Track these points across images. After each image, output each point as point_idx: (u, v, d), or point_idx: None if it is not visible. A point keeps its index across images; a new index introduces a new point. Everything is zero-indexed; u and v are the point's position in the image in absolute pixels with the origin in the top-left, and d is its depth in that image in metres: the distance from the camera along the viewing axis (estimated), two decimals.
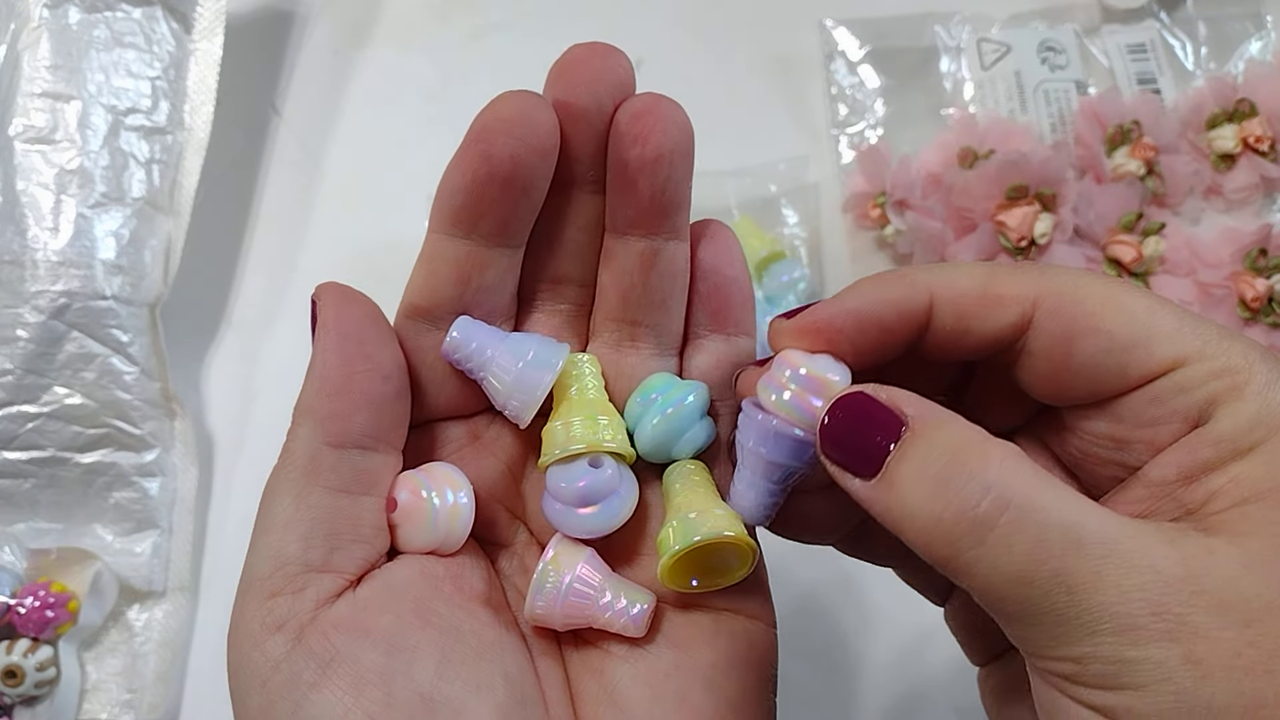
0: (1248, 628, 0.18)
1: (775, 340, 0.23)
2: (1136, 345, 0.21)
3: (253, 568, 0.22)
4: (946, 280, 0.22)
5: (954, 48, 0.54)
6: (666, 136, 0.25)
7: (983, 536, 0.18)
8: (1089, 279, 0.21)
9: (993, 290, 0.22)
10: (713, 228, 0.27)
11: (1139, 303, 0.21)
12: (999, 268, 0.22)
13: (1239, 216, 0.52)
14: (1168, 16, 0.56)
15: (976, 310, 0.22)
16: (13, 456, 0.45)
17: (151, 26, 0.48)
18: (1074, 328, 0.21)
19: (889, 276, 0.22)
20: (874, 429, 0.20)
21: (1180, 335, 0.21)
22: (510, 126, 0.23)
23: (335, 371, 0.23)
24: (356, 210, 0.53)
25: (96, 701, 0.45)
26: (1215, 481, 0.20)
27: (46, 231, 0.44)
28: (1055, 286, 0.21)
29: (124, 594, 0.45)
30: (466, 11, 0.57)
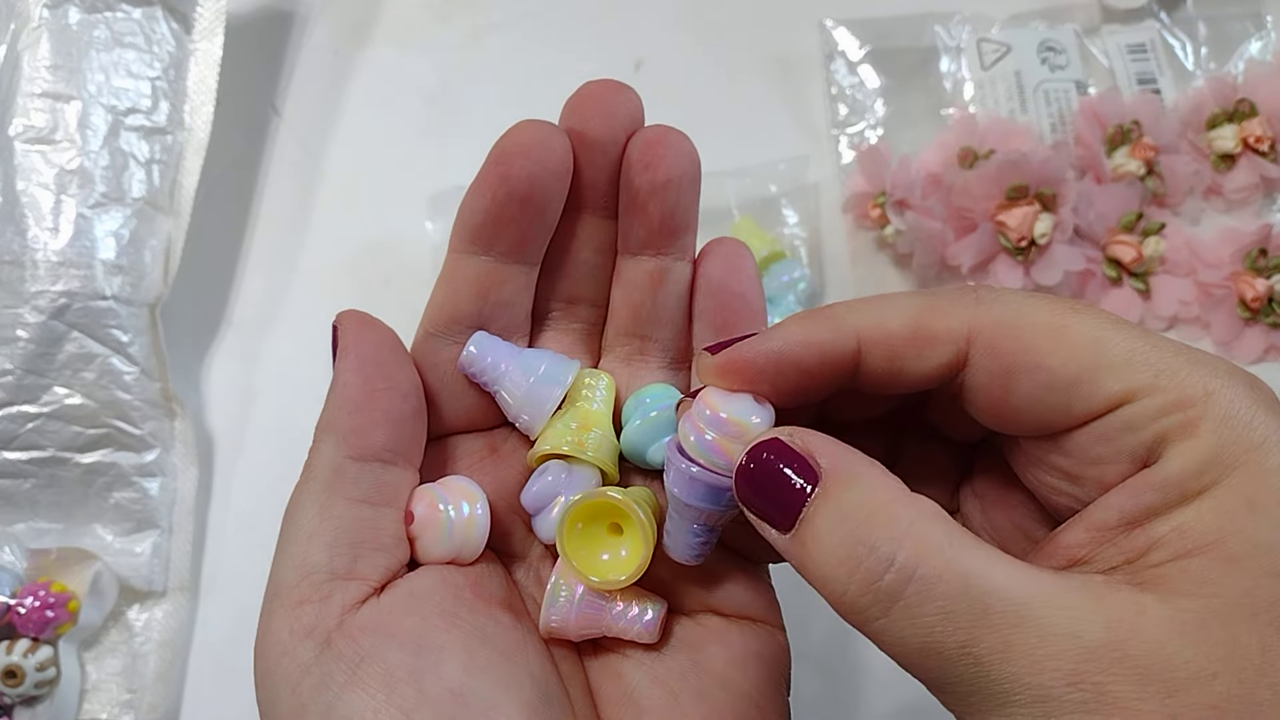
0: (1170, 698, 0.17)
1: (699, 375, 0.23)
2: (1080, 381, 0.19)
3: (279, 578, 0.23)
4: (874, 321, 0.21)
5: (954, 48, 0.54)
6: (675, 164, 0.26)
7: (887, 609, 0.18)
8: (1031, 306, 0.20)
9: (924, 329, 0.21)
10: (725, 245, 0.27)
11: (1084, 332, 0.19)
12: (933, 301, 0.21)
13: (1239, 216, 0.52)
14: (1168, 16, 0.56)
15: (907, 351, 0.21)
16: (13, 456, 0.45)
17: (151, 27, 0.48)
18: (1011, 364, 0.20)
19: (817, 317, 0.21)
20: (788, 479, 0.20)
21: (1130, 366, 0.19)
22: (527, 150, 0.24)
23: (356, 390, 0.24)
24: (356, 210, 0.53)
25: (96, 701, 0.45)
26: (1158, 529, 0.19)
27: (46, 231, 0.44)
28: (991, 319, 0.20)
29: (124, 594, 0.45)
30: (466, 12, 0.57)
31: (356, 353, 0.24)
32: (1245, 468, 0.18)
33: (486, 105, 0.55)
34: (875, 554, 0.18)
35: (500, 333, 0.26)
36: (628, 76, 0.55)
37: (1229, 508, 0.18)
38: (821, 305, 0.22)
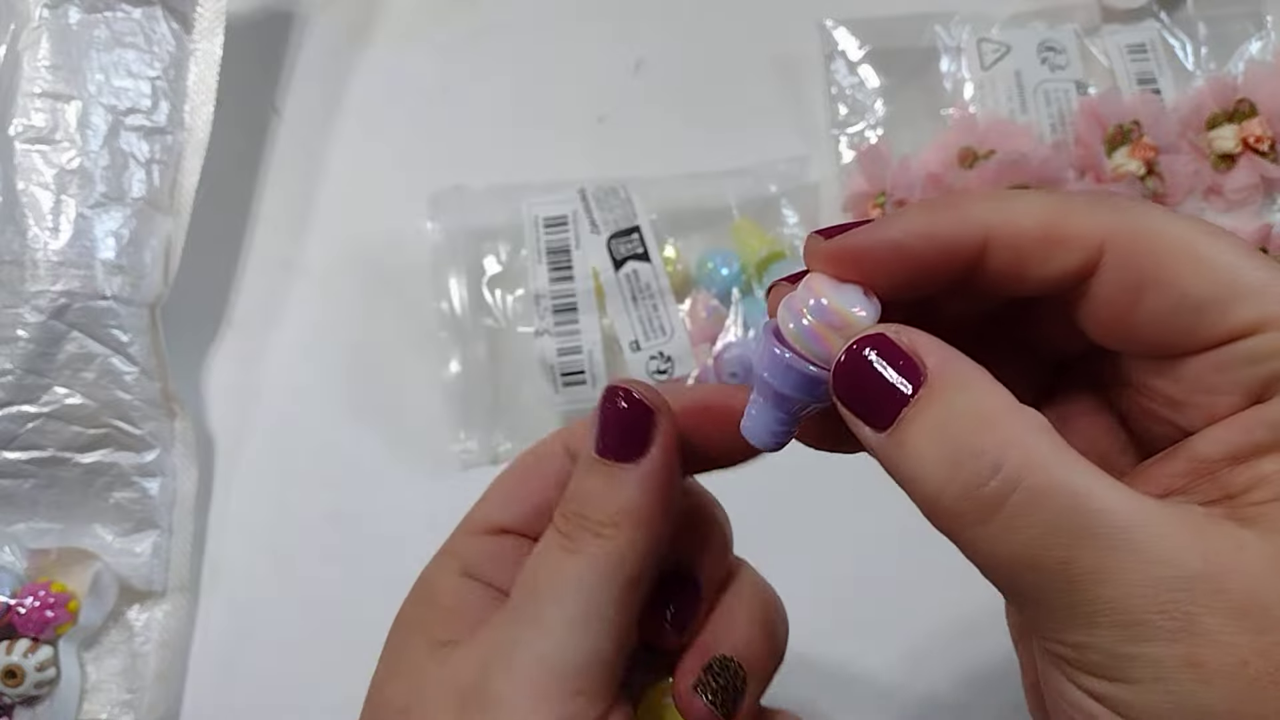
0: (1261, 635, 0.17)
1: (808, 259, 0.21)
2: (1211, 305, 0.19)
3: (525, 655, 0.22)
4: (1005, 217, 0.20)
5: (954, 48, 0.55)
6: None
7: (987, 517, 0.18)
8: (1170, 220, 0.19)
9: (1057, 229, 0.19)
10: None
11: (1222, 253, 0.19)
12: (1068, 202, 0.20)
13: (1239, 217, 0.52)
14: (1168, 17, 0.56)
15: (1037, 252, 0.20)
16: (12, 456, 0.45)
17: (151, 26, 0.48)
18: (1144, 278, 0.19)
19: (942, 206, 0.20)
20: (891, 376, 0.19)
21: (1263, 296, 0.18)
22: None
23: (659, 505, 0.23)
24: (356, 210, 0.53)
25: (96, 701, 0.45)
26: (1265, 467, 0.18)
27: (46, 231, 0.44)
28: (1129, 228, 0.19)
29: (124, 594, 0.45)
30: (466, 12, 0.57)
31: (669, 460, 0.23)
32: None
33: (486, 105, 0.55)
34: (980, 459, 0.18)
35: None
36: (628, 77, 0.56)
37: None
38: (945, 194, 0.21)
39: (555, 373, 0.47)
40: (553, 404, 0.47)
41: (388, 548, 0.47)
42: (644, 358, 0.46)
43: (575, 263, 0.47)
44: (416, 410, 0.49)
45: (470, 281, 0.49)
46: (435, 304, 0.49)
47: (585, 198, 0.49)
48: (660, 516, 0.22)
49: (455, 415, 0.48)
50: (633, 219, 0.48)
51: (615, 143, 0.54)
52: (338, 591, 0.47)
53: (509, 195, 0.50)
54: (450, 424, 0.48)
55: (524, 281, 0.49)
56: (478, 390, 0.48)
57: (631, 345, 0.47)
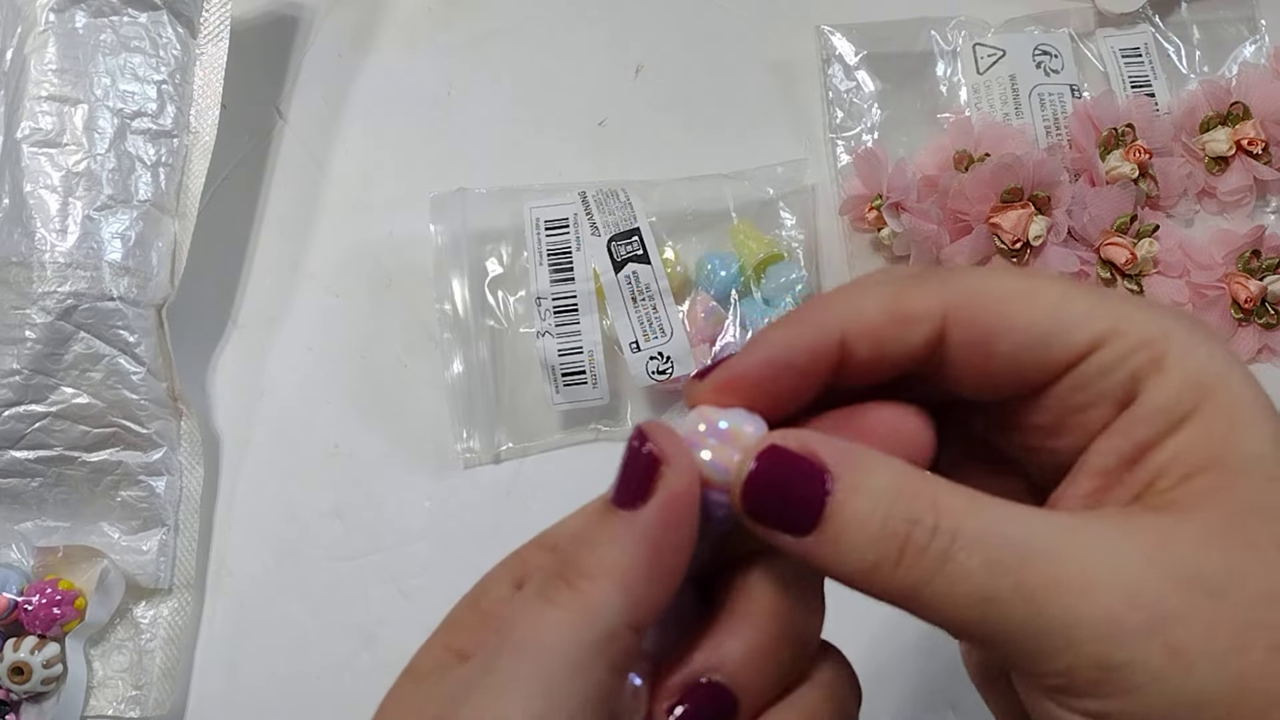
0: (1216, 603, 0.18)
1: (692, 400, 0.22)
2: (1051, 335, 0.20)
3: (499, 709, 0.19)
4: (853, 311, 0.21)
5: (950, 52, 0.55)
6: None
7: (936, 573, 0.18)
8: (996, 277, 0.21)
9: (900, 311, 0.21)
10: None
11: (1049, 292, 0.21)
12: (904, 282, 0.21)
13: (1232, 219, 0.52)
14: (1162, 20, 0.56)
15: (888, 334, 0.21)
16: (20, 455, 0.45)
17: (157, 31, 0.49)
18: (987, 330, 0.21)
19: (795, 319, 0.22)
20: (797, 484, 0.19)
21: (1093, 317, 0.20)
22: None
23: (664, 552, 0.20)
24: (361, 212, 0.54)
25: (103, 698, 0.45)
26: (1157, 459, 0.20)
27: (54, 233, 0.45)
28: (963, 293, 0.21)
29: (130, 591, 0.46)
30: (469, 16, 0.58)
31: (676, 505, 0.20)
32: (1216, 392, 0.19)
33: (489, 109, 0.56)
34: (919, 525, 0.19)
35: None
36: (628, 81, 0.56)
37: (1214, 428, 0.19)
38: (797, 307, 0.23)
39: (556, 373, 0.47)
40: (554, 404, 0.48)
41: (391, 546, 0.48)
42: (644, 358, 0.47)
43: (576, 264, 0.48)
44: (419, 410, 0.50)
45: (472, 283, 0.50)
46: (438, 305, 0.50)
47: (586, 200, 0.49)
48: (647, 578, 0.20)
49: (458, 415, 0.49)
50: (633, 221, 0.48)
51: (615, 146, 0.54)
52: (342, 589, 0.47)
53: (511, 198, 0.50)
54: (453, 424, 0.49)
55: (525, 283, 0.50)
56: (480, 390, 0.49)
57: (631, 346, 0.47)
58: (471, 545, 0.47)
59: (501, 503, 0.48)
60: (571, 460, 0.49)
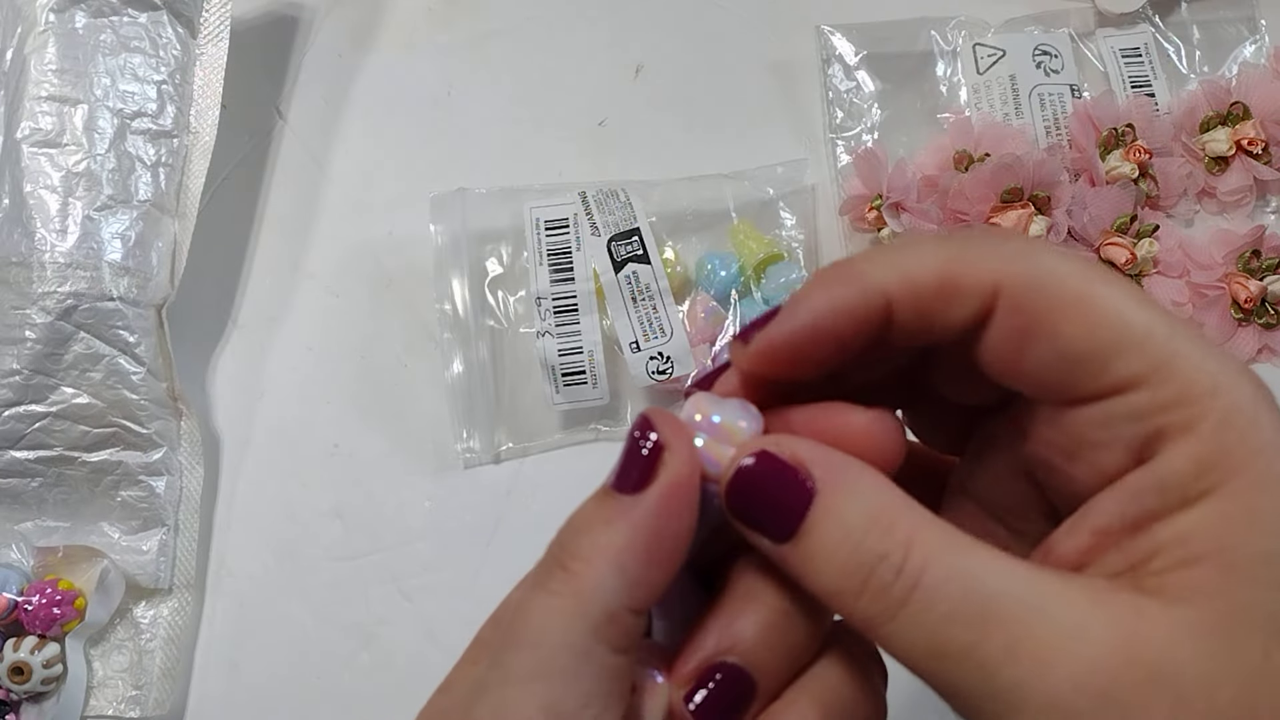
0: (1178, 705, 0.16)
1: (737, 362, 0.21)
2: (1090, 358, 0.18)
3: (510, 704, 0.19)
4: (900, 274, 0.20)
5: (950, 52, 0.55)
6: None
7: (895, 614, 0.18)
8: (1062, 267, 0.19)
9: (951, 279, 0.19)
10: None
11: (1109, 306, 0.18)
12: (962, 248, 0.20)
13: (1232, 219, 0.52)
14: (1162, 20, 0.56)
15: (936, 303, 0.20)
16: (20, 455, 0.45)
17: (157, 31, 0.49)
18: (1031, 324, 0.19)
19: (839, 277, 0.20)
20: (781, 491, 0.19)
21: (1143, 350, 0.18)
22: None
23: (663, 535, 0.20)
24: (360, 212, 0.54)
25: (103, 698, 0.45)
26: (1160, 534, 0.18)
27: (54, 234, 0.45)
28: (1021, 274, 0.19)
29: (130, 591, 0.46)
30: (468, 16, 0.58)
31: (676, 490, 0.20)
32: (1246, 473, 0.17)
33: (488, 109, 0.56)
34: (884, 563, 0.18)
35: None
36: (628, 81, 0.56)
37: (1230, 515, 0.17)
38: (837, 263, 0.21)
39: (556, 373, 0.47)
40: (554, 404, 0.48)
41: (391, 546, 0.48)
42: (644, 358, 0.47)
43: (576, 264, 0.48)
44: (419, 410, 0.50)
45: (473, 283, 0.50)
46: (438, 305, 0.50)
47: (586, 200, 0.49)
48: (645, 560, 0.20)
49: (458, 415, 0.49)
50: (633, 221, 0.48)
51: (615, 146, 0.54)
52: (342, 589, 0.47)
53: (511, 198, 0.50)
54: (453, 424, 0.49)
55: (525, 283, 0.50)
56: (480, 390, 0.49)
57: (631, 346, 0.47)
58: (471, 545, 0.47)
59: (501, 503, 0.48)
60: (571, 460, 0.49)
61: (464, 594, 0.46)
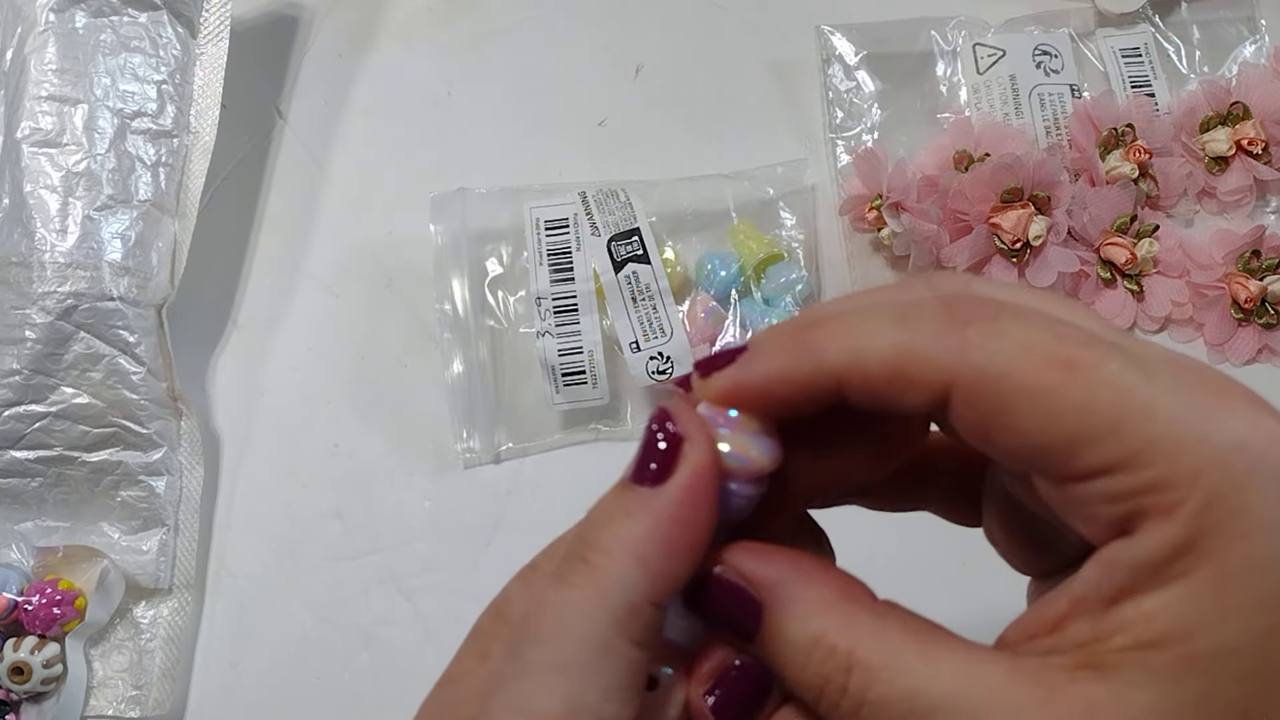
0: None
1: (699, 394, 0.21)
2: (1055, 451, 0.18)
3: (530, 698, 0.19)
4: (852, 356, 0.19)
5: (950, 52, 0.55)
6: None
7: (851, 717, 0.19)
8: (1023, 355, 0.18)
9: (901, 373, 0.19)
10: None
11: (1072, 396, 0.17)
12: (914, 337, 0.19)
13: (1232, 218, 0.52)
14: (1162, 20, 0.56)
15: (887, 391, 0.19)
16: (20, 455, 0.45)
17: (157, 31, 0.49)
18: (988, 420, 0.18)
19: (797, 344, 0.20)
20: (736, 605, 0.20)
21: (1117, 438, 0.17)
22: None
23: (685, 526, 0.20)
24: (360, 212, 0.54)
25: (103, 698, 0.45)
26: (1126, 613, 0.17)
27: (54, 233, 0.45)
28: (973, 370, 0.18)
29: (130, 591, 0.46)
30: (469, 16, 0.58)
31: (696, 480, 0.20)
32: (1223, 560, 0.17)
33: (488, 109, 0.56)
34: (829, 684, 0.19)
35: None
36: (628, 81, 0.56)
37: (1199, 602, 0.17)
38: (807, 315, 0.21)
39: (556, 373, 0.47)
40: (554, 404, 0.48)
41: (391, 546, 0.48)
42: (644, 358, 0.47)
43: (576, 264, 0.48)
44: (419, 410, 0.50)
45: (472, 283, 0.50)
46: (438, 305, 0.50)
47: (586, 200, 0.49)
48: (666, 552, 0.20)
49: (458, 415, 0.49)
50: (632, 221, 0.48)
51: (615, 146, 0.54)
52: (342, 589, 0.47)
53: (511, 198, 0.50)
54: (453, 424, 0.49)
55: (525, 283, 0.50)
56: (480, 390, 0.49)
57: (631, 346, 0.47)
58: (471, 545, 0.47)
59: (501, 503, 0.48)
60: (571, 460, 0.49)
61: (464, 594, 0.46)
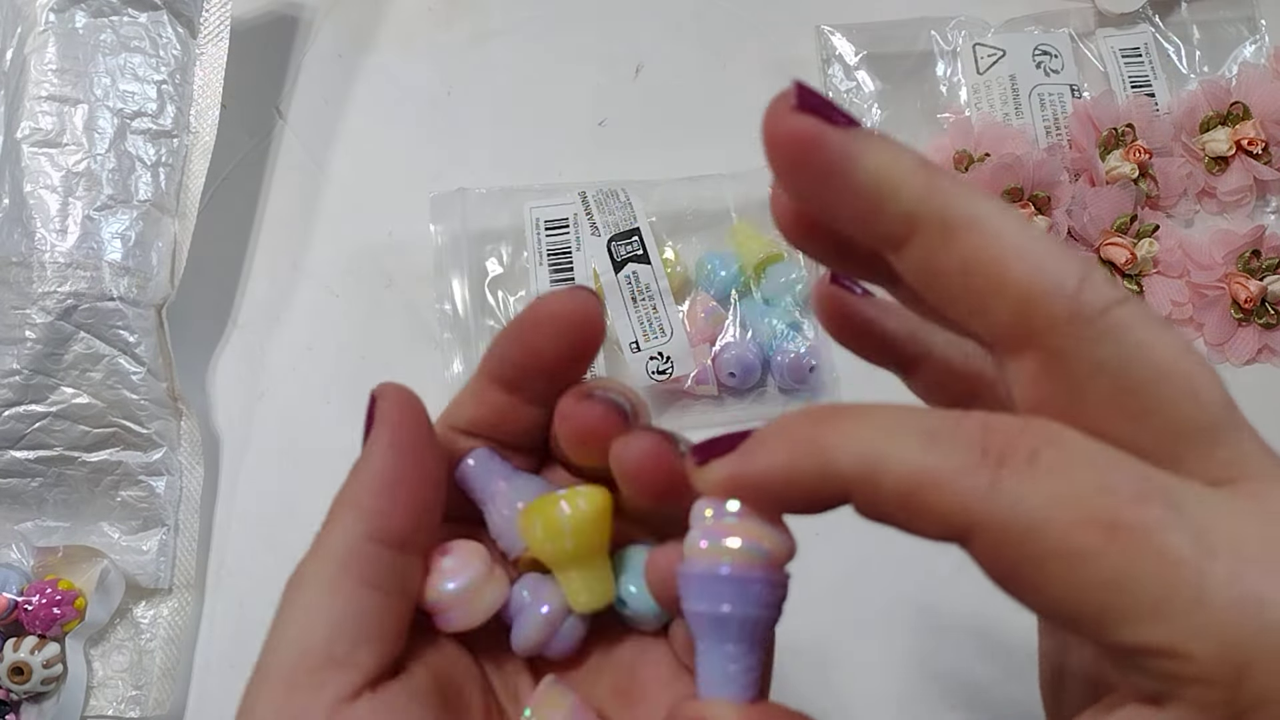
0: None
1: (694, 482, 0.20)
2: (1083, 619, 0.16)
3: (272, 656, 0.21)
4: (865, 471, 0.17)
5: (950, 52, 0.55)
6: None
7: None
8: (1057, 508, 0.16)
9: (917, 504, 0.17)
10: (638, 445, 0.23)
11: (1112, 563, 0.15)
12: (939, 469, 0.17)
13: (1232, 218, 0.53)
14: (1162, 20, 0.56)
15: (899, 515, 0.17)
16: (20, 455, 0.45)
17: (157, 31, 0.49)
18: (1010, 574, 0.16)
19: (807, 445, 0.18)
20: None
21: (1157, 622, 0.15)
22: (560, 321, 0.23)
23: (388, 470, 0.23)
24: (360, 212, 0.54)
25: (103, 698, 0.45)
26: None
27: (54, 233, 0.45)
28: (999, 520, 0.16)
29: (130, 591, 0.46)
30: (468, 16, 0.58)
31: (394, 432, 0.23)
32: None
33: (488, 109, 0.56)
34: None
35: (514, 450, 0.25)
36: (628, 81, 0.56)
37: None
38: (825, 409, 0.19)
39: None
40: None
41: None
42: (644, 358, 0.47)
43: (576, 264, 0.48)
44: None
45: (473, 283, 0.50)
46: (438, 305, 0.50)
47: (586, 200, 0.49)
48: (373, 492, 0.22)
49: None
50: (632, 221, 0.48)
51: (615, 146, 0.54)
52: None
53: (511, 198, 0.50)
54: None
55: (525, 283, 0.50)
56: None
57: (631, 346, 0.47)
58: None
59: None
60: None
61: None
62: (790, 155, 0.20)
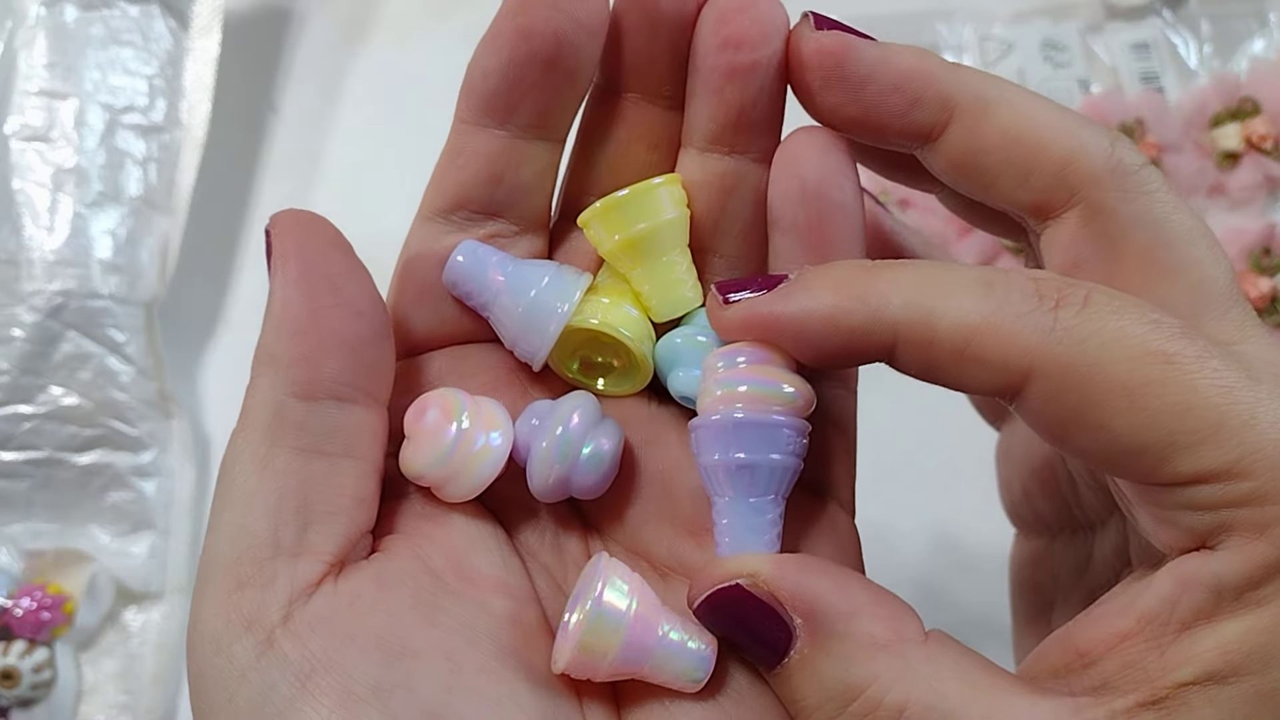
0: None
1: (711, 320, 0.20)
2: (1144, 453, 0.16)
3: (212, 552, 0.19)
4: (920, 319, 0.17)
5: (956, 46, 0.55)
6: (762, 40, 0.20)
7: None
8: (1116, 350, 0.16)
9: (975, 349, 0.17)
10: (819, 138, 0.20)
11: (1171, 394, 0.16)
12: (997, 315, 0.17)
13: (1243, 215, 0.52)
14: (1171, 14, 0.56)
15: (951, 364, 0.17)
16: (8, 457, 0.45)
17: (149, 24, 0.48)
18: (1071, 416, 0.17)
19: (855, 286, 0.18)
20: (760, 626, 0.18)
21: (1215, 441, 0.16)
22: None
23: (299, 309, 0.19)
24: (354, 208, 0.53)
25: (93, 704, 0.45)
26: (1202, 641, 0.16)
27: (42, 230, 0.44)
28: (1061, 360, 0.16)
29: (120, 596, 0.45)
30: (463, 9, 0.57)
31: (299, 261, 0.20)
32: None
33: None
34: (865, 700, 0.17)
35: (517, 223, 0.22)
36: None
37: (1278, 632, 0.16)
38: (868, 263, 0.18)
39: None
40: None
41: None
42: None
43: None
44: None
45: None
46: None
47: None
48: (285, 337, 0.19)
49: None
50: None
51: None
52: None
53: None
54: None
55: None
56: None
57: None
58: None
59: None
60: None
61: None
62: (825, 68, 0.20)
